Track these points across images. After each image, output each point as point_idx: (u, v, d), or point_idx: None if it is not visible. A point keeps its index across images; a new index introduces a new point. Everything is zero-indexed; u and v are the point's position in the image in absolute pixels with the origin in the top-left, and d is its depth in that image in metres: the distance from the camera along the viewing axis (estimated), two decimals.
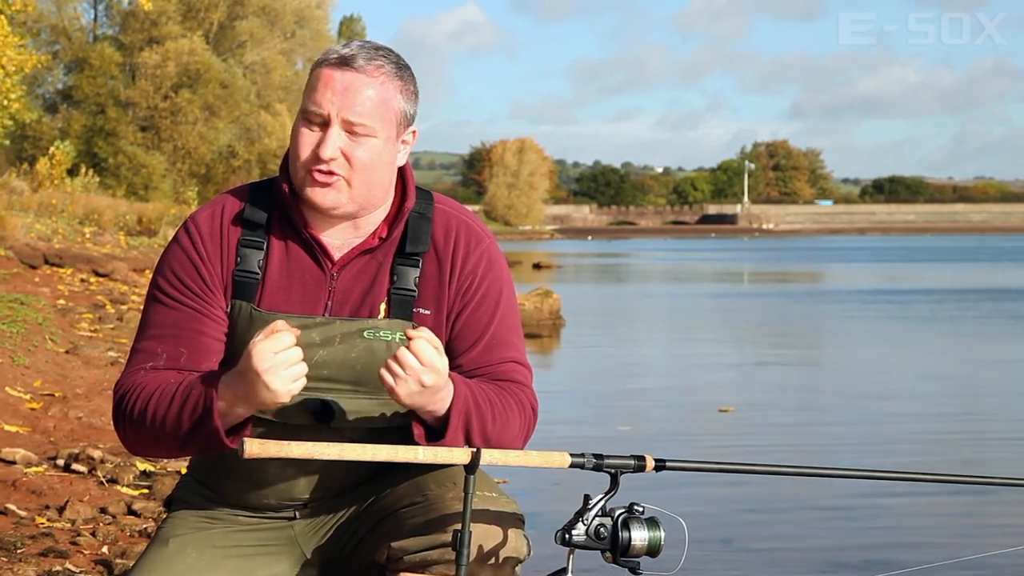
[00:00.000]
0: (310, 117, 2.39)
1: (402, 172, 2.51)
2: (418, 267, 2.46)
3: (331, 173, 2.38)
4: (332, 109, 2.37)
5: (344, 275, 2.45)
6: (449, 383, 2.31)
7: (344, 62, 2.39)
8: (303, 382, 2.27)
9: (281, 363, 2.22)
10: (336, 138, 2.37)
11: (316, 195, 2.39)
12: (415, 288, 2.45)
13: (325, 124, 2.38)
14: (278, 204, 2.47)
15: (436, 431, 2.34)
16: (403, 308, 2.44)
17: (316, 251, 2.45)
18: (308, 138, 2.40)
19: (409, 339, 2.26)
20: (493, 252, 2.52)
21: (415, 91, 2.47)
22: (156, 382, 2.37)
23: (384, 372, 2.26)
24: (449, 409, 2.32)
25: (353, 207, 2.42)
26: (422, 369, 2.24)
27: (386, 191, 2.47)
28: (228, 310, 2.44)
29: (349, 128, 2.38)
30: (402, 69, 2.44)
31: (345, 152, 2.38)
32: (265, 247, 2.45)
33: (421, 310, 2.45)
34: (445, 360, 2.27)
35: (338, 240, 2.46)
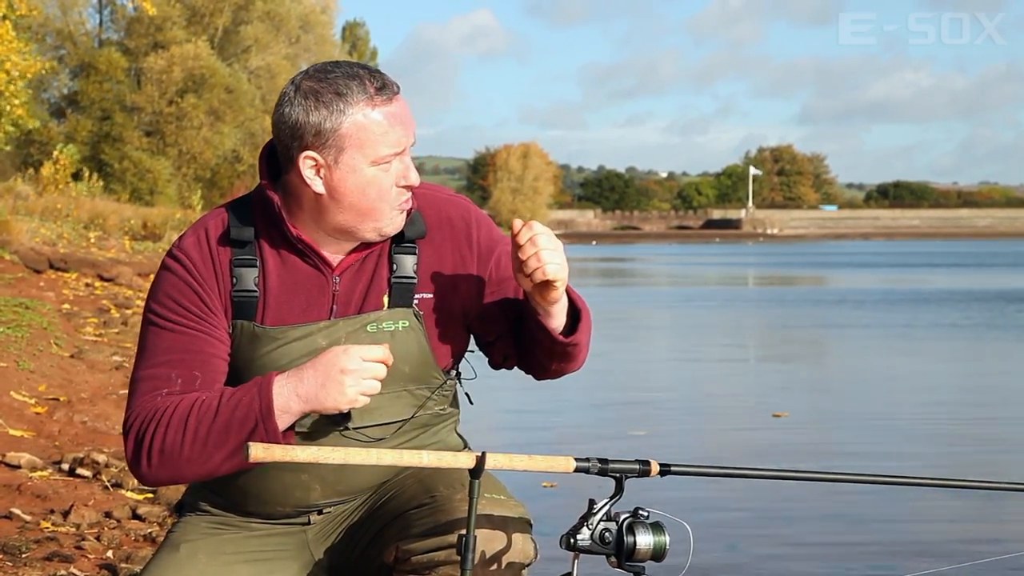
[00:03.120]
0: (386, 160, 2.36)
1: None
2: (415, 254, 2.46)
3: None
4: (406, 143, 2.38)
5: (344, 279, 2.45)
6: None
7: (383, 91, 2.35)
8: (368, 400, 2.29)
9: (365, 370, 2.27)
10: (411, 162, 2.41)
11: (399, 223, 2.43)
12: (414, 275, 2.46)
13: (396, 155, 2.38)
14: (264, 217, 2.43)
15: (570, 323, 2.46)
16: (403, 296, 2.45)
17: (312, 258, 2.43)
18: (388, 178, 2.37)
19: (520, 232, 2.31)
20: (479, 214, 2.57)
21: None
22: (187, 401, 2.32)
23: (550, 267, 2.31)
24: (569, 297, 2.44)
25: None
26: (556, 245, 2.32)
27: None
28: (230, 331, 2.42)
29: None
30: None
31: None
32: (259, 264, 2.43)
33: (424, 295, 2.46)
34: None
35: (331, 247, 2.45)
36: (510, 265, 2.44)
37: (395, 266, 2.45)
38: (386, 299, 2.45)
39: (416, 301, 2.45)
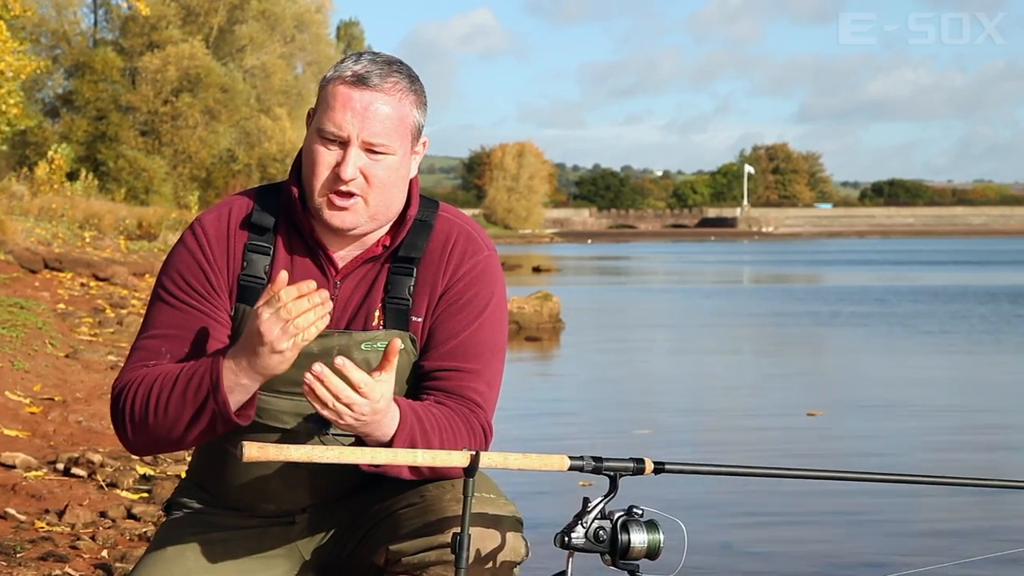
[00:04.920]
0: (327, 136, 2.37)
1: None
2: (412, 275, 2.45)
3: (349, 195, 2.37)
4: (352, 131, 2.35)
5: (346, 284, 2.45)
6: (393, 407, 2.27)
7: (360, 80, 2.37)
8: (300, 342, 2.21)
9: (281, 336, 2.19)
10: (356, 159, 2.36)
11: (335, 219, 2.38)
12: (409, 297, 2.44)
13: (344, 144, 2.37)
14: (286, 209, 2.47)
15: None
16: (399, 318, 2.44)
17: (321, 259, 2.44)
18: (326, 158, 2.37)
19: (340, 369, 2.17)
20: (490, 265, 2.50)
21: (425, 101, 2.47)
22: (157, 371, 2.35)
23: (324, 412, 2.19)
24: (394, 436, 2.28)
25: (371, 226, 2.42)
26: (363, 402, 2.18)
27: (400, 204, 2.46)
28: (232, 313, 2.44)
29: (368, 148, 2.37)
30: (414, 82, 2.44)
31: (364, 171, 2.38)
32: (271, 252, 2.45)
33: (414, 318, 2.45)
34: (382, 386, 2.20)
35: (343, 250, 2.46)
36: (445, 323, 2.43)
37: (390, 286, 2.44)
38: (377, 315, 2.44)
39: (410, 324, 2.44)
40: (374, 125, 2.36)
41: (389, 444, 2.28)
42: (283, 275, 2.24)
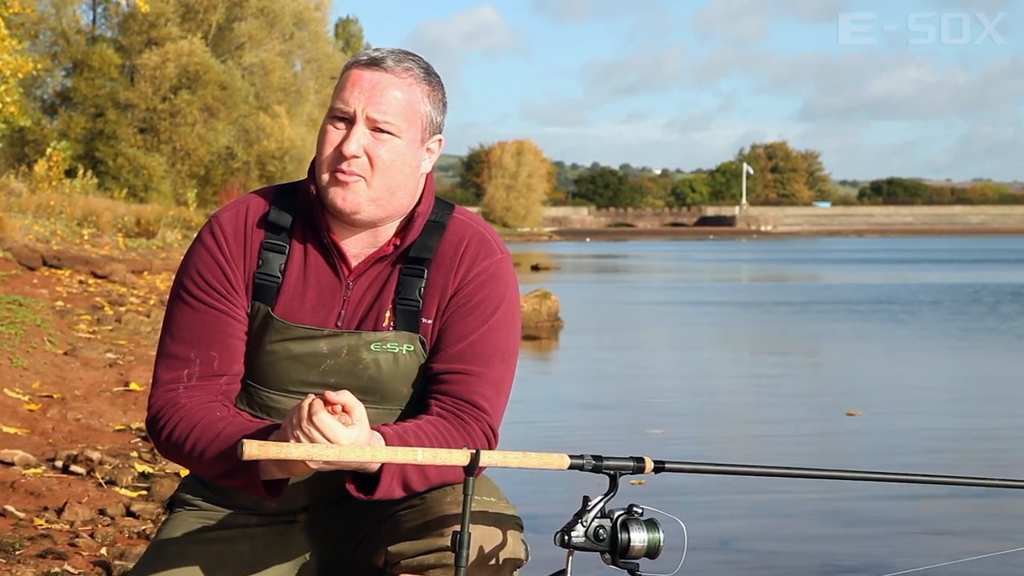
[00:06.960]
0: (336, 114, 2.40)
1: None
2: (423, 277, 2.44)
3: (352, 173, 2.37)
4: (358, 106, 2.37)
5: (359, 284, 2.44)
6: (376, 441, 2.23)
7: (373, 63, 2.40)
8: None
9: (305, 452, 2.16)
10: (360, 135, 2.37)
11: (337, 196, 2.38)
12: (419, 299, 2.43)
13: (350, 122, 2.38)
14: (303, 208, 2.47)
15: (369, 483, 2.28)
16: (409, 319, 2.43)
17: (335, 258, 2.44)
18: (333, 135, 2.39)
19: (311, 413, 2.14)
20: (502, 268, 2.48)
21: (443, 100, 2.47)
22: (197, 415, 2.36)
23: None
24: (381, 467, 2.26)
25: (374, 211, 2.40)
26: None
27: (410, 197, 2.45)
28: (248, 311, 2.45)
29: (373, 126, 2.38)
30: (430, 75, 2.45)
31: (368, 151, 2.38)
32: (287, 251, 2.45)
33: (424, 319, 2.44)
34: (353, 431, 2.16)
35: (357, 248, 2.45)
36: (455, 325, 2.42)
37: (401, 287, 2.44)
38: (388, 316, 2.44)
39: (420, 325, 2.44)
40: (380, 103, 2.37)
41: (376, 475, 2.27)
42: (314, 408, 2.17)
